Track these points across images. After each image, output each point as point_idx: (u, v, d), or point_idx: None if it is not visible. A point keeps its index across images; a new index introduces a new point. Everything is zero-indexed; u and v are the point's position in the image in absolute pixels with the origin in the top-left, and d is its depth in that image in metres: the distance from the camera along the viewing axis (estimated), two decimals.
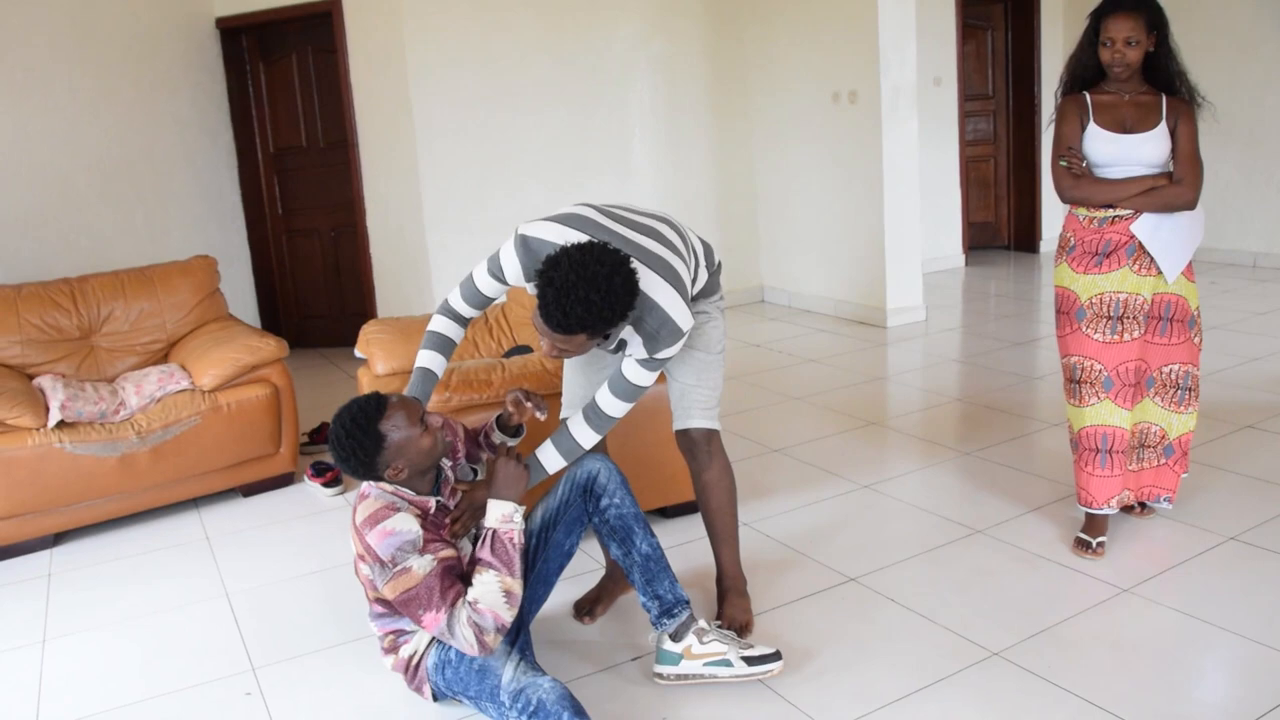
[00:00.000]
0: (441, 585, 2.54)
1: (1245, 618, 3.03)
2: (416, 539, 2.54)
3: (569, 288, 2.45)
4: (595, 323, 2.50)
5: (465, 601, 2.56)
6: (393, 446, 2.58)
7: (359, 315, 7.11)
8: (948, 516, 3.93)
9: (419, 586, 2.53)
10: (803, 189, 7.85)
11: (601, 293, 2.45)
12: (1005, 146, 10.01)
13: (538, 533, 2.96)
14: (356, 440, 2.56)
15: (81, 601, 3.72)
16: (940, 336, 6.93)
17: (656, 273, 2.70)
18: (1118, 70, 3.34)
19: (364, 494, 2.66)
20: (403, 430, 2.59)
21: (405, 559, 2.53)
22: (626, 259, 2.54)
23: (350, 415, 2.60)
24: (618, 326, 2.58)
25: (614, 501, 2.90)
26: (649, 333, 2.71)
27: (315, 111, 7.30)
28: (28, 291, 4.68)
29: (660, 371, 2.85)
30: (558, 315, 2.49)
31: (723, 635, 2.91)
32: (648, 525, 2.92)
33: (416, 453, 2.62)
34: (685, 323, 2.71)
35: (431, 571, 2.54)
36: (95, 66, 6.42)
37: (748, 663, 2.86)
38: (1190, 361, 3.53)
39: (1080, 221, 3.46)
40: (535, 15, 7.11)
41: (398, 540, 2.53)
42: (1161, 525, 3.71)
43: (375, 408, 2.61)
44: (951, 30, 9.04)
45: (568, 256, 2.49)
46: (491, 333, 4.51)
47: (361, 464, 2.59)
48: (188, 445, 4.34)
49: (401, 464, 2.61)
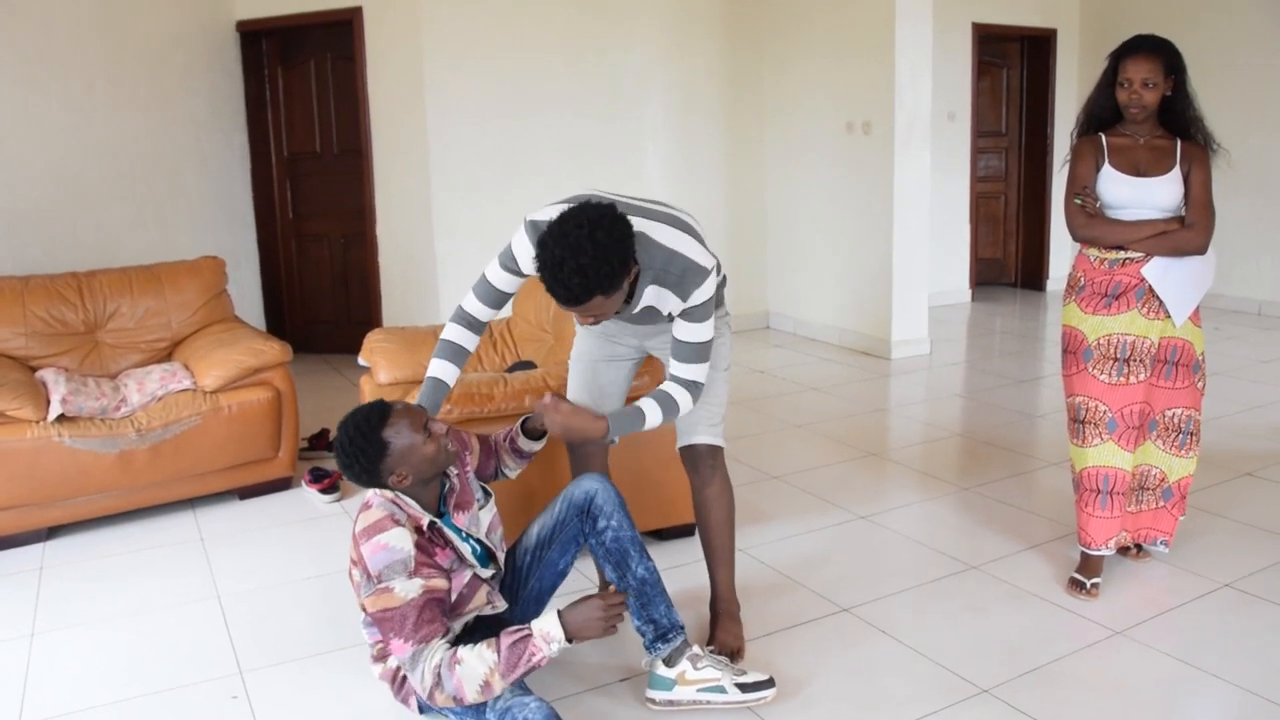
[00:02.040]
0: (419, 617, 2.50)
1: (1237, 665, 3.02)
2: (407, 559, 2.52)
3: (560, 263, 2.47)
4: (598, 282, 2.49)
5: (445, 648, 2.51)
6: (396, 453, 2.58)
7: (364, 323, 7.11)
8: (943, 551, 3.92)
9: (397, 610, 2.50)
10: (813, 217, 7.87)
11: (589, 255, 2.45)
12: (1016, 184, 10.03)
13: (533, 550, 2.95)
14: (359, 447, 2.56)
15: (72, 596, 3.71)
16: (944, 370, 6.93)
17: (666, 224, 2.72)
18: (1134, 111, 3.35)
19: (367, 503, 2.65)
20: (406, 437, 2.59)
21: (391, 578, 2.51)
22: (607, 212, 2.53)
23: (354, 422, 2.61)
24: (625, 278, 2.56)
25: (611, 524, 2.89)
26: (675, 280, 2.71)
27: (331, 118, 7.33)
28: (35, 284, 4.69)
29: (712, 319, 2.82)
30: (561, 291, 2.51)
31: (716, 661, 2.89)
32: (644, 548, 2.91)
33: (420, 460, 2.61)
34: (706, 261, 2.72)
35: (412, 601, 2.50)
36: (114, 63, 6.45)
37: (741, 689, 2.84)
38: (1193, 406, 3.53)
39: (1091, 262, 3.47)
40: (554, 32, 7.15)
41: (388, 557, 2.51)
42: (1157, 569, 3.70)
43: (379, 415, 2.61)
44: (967, 66, 9.09)
45: (550, 234, 2.51)
46: (495, 347, 4.52)
47: (365, 470, 2.59)
48: (187, 445, 4.34)
49: (405, 471, 2.60)
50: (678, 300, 2.75)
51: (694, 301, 2.75)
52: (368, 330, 4.60)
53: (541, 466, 3.59)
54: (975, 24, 9.07)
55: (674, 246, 2.70)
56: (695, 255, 2.71)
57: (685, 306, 2.76)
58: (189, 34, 6.89)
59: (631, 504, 3.57)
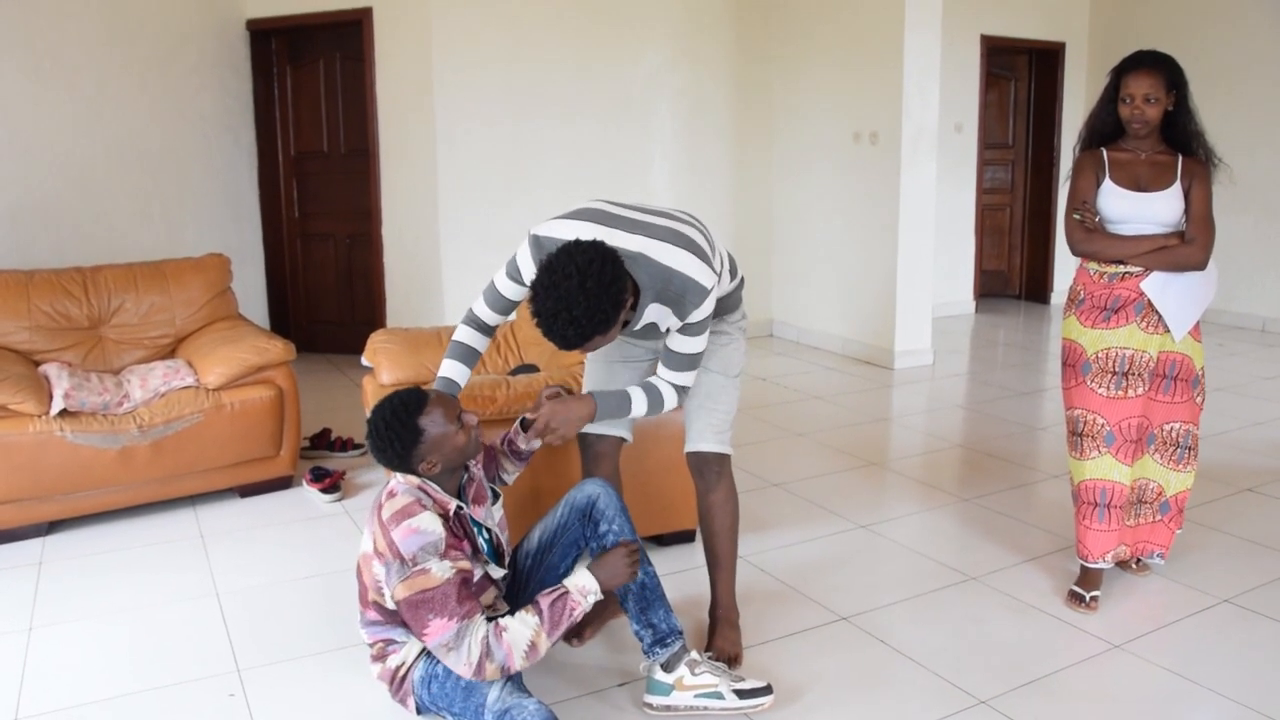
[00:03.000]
0: (459, 594, 2.54)
1: (1236, 680, 3.02)
2: (439, 541, 2.56)
3: (553, 315, 2.49)
4: (592, 329, 2.52)
5: (486, 621, 2.56)
6: (429, 441, 2.63)
7: (368, 324, 7.12)
8: (943, 561, 3.92)
9: (437, 590, 2.52)
10: (818, 226, 7.88)
11: (581, 306, 2.46)
12: (1022, 196, 10.04)
13: (534, 554, 2.97)
14: (395, 432, 2.61)
15: (71, 592, 3.71)
16: (946, 381, 6.93)
17: (667, 242, 2.72)
18: (1136, 127, 3.36)
19: (391, 491, 2.67)
20: (440, 426, 2.65)
21: (426, 560, 2.54)
22: (597, 255, 2.52)
23: (391, 407, 2.65)
24: (620, 314, 2.57)
25: (613, 528, 2.90)
26: (675, 299, 2.72)
27: (339, 118, 7.34)
28: (40, 278, 4.69)
29: (706, 332, 2.85)
30: (558, 340, 2.55)
31: (714, 667, 2.89)
32: (645, 553, 2.91)
33: (451, 449, 2.67)
34: (708, 280, 2.72)
35: (449, 579, 2.54)
36: (123, 59, 6.47)
37: (739, 695, 2.85)
38: (1191, 421, 3.54)
39: (1091, 276, 3.47)
40: (563, 37, 7.16)
41: (422, 539, 2.55)
42: (1156, 583, 3.70)
43: (416, 402, 2.66)
44: (975, 78, 9.10)
45: (540, 284, 2.52)
46: (499, 350, 4.52)
47: (398, 455, 2.63)
48: (188, 442, 4.34)
49: (435, 459, 2.65)
50: (676, 319, 2.77)
51: (693, 319, 2.77)
52: (371, 330, 4.60)
53: (550, 468, 3.60)
54: (984, 36, 9.08)
55: (674, 266, 2.70)
56: (696, 274, 2.71)
57: (688, 321, 2.78)
58: (199, 32, 6.91)
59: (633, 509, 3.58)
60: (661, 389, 2.88)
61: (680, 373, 2.87)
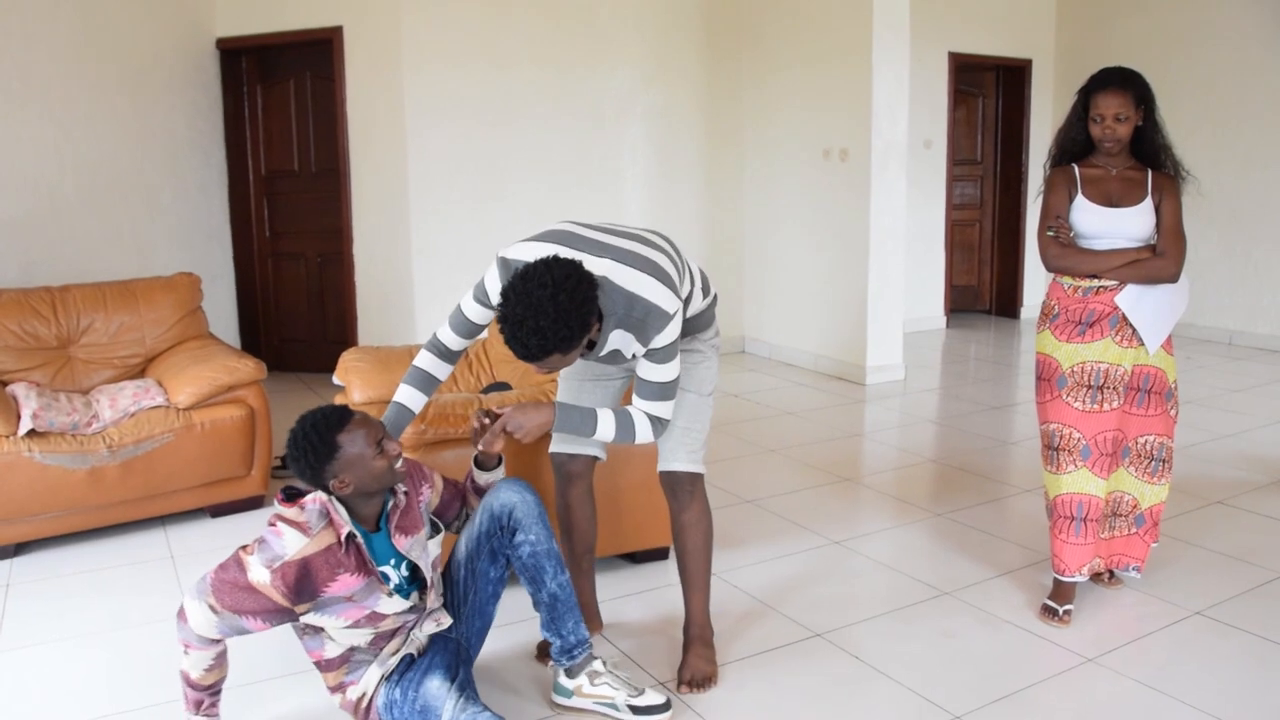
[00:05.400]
0: (234, 597, 2.55)
1: (1208, 693, 3.03)
2: (278, 559, 2.53)
3: (520, 320, 2.49)
4: (555, 343, 2.52)
5: (215, 645, 2.64)
6: (344, 459, 2.58)
7: (340, 342, 7.07)
8: (916, 576, 3.93)
9: (232, 564, 2.58)
10: (789, 242, 7.91)
11: (550, 316, 2.47)
12: (991, 211, 10.12)
13: (464, 564, 2.93)
14: (312, 443, 2.58)
15: (39, 614, 3.67)
16: (918, 396, 6.96)
17: (633, 267, 2.71)
18: (1109, 145, 3.39)
19: (301, 503, 2.66)
20: (359, 446, 2.60)
21: (258, 552, 2.55)
22: (571, 271, 2.53)
23: (313, 419, 2.62)
24: (584, 337, 2.58)
25: (529, 538, 2.86)
26: (637, 325, 2.71)
27: (309, 137, 7.33)
28: (7, 298, 4.65)
29: (677, 359, 2.82)
30: (519, 349, 2.54)
31: (615, 679, 2.93)
32: (560, 562, 2.91)
33: (366, 473, 2.61)
34: (670, 305, 2.70)
35: (251, 583, 2.53)
36: (92, 78, 6.43)
37: (634, 711, 2.89)
38: (1165, 433, 3.56)
39: (1065, 290, 3.49)
40: (533, 58, 7.19)
41: (273, 544, 2.55)
42: (1128, 596, 3.72)
43: (338, 418, 2.62)
44: (944, 94, 9.17)
45: (512, 289, 2.53)
46: (471, 368, 4.50)
47: (310, 467, 2.59)
48: (158, 462, 4.31)
49: (348, 479, 2.60)
50: (639, 345, 2.76)
51: (656, 344, 2.75)
52: (343, 349, 4.58)
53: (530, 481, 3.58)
54: (951, 53, 9.16)
55: (636, 291, 2.69)
56: (658, 299, 2.70)
57: (651, 347, 2.76)
58: (169, 51, 6.88)
59: (607, 527, 3.58)
60: (635, 417, 2.85)
61: (653, 402, 2.83)
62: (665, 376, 2.81)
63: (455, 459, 3.52)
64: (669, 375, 2.81)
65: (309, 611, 2.59)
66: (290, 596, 2.54)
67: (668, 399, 2.84)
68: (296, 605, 2.57)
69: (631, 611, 3.62)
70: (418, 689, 2.66)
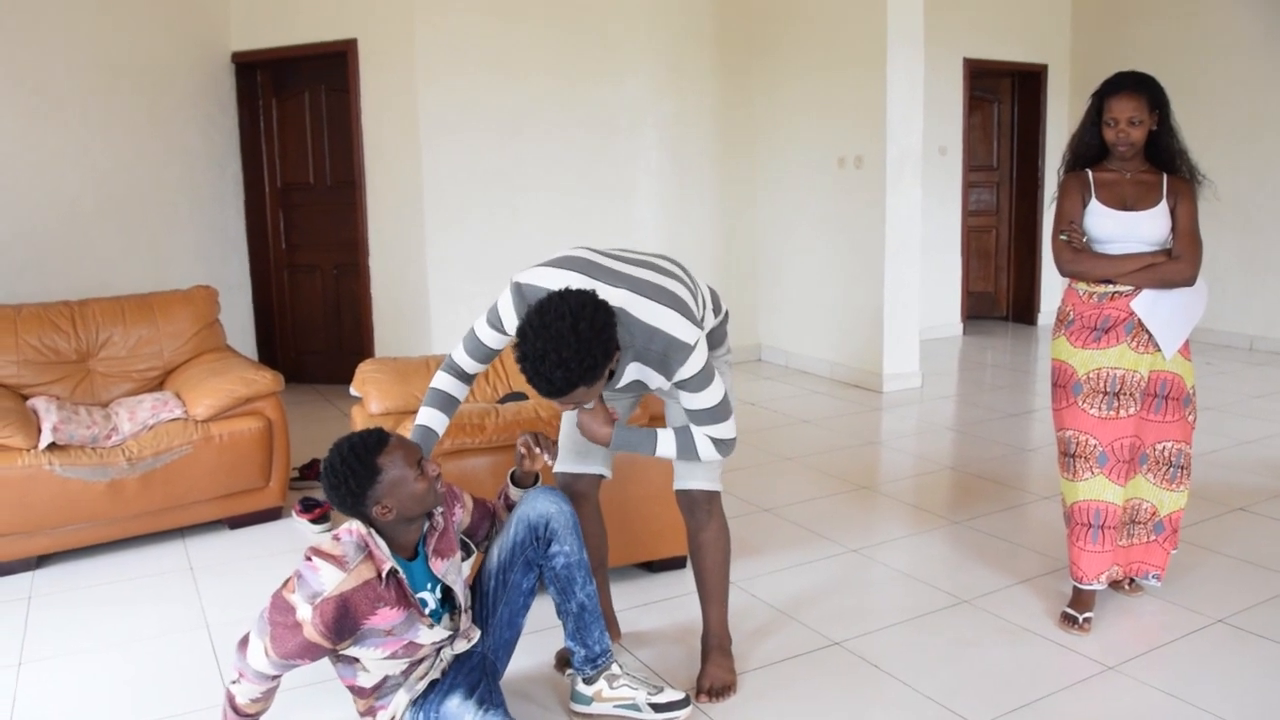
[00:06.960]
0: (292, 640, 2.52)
1: (1230, 701, 3.01)
2: (318, 595, 2.48)
3: (541, 355, 2.46)
4: (580, 374, 2.49)
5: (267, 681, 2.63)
6: (385, 483, 2.52)
7: (356, 354, 7.11)
8: (935, 585, 3.91)
9: (280, 602, 2.55)
10: (804, 250, 7.90)
11: (572, 347, 2.45)
12: (1007, 218, 10.09)
13: (495, 575, 2.91)
14: (351, 468, 2.50)
15: (60, 625, 3.69)
16: (935, 404, 6.94)
17: (650, 298, 2.69)
18: (1123, 149, 3.38)
19: (336, 536, 2.59)
20: (399, 469, 2.54)
21: (300, 589, 2.50)
22: (589, 301, 2.52)
23: (349, 444, 2.55)
24: (608, 366, 2.57)
25: (564, 549, 2.86)
26: (657, 359, 2.69)
27: (324, 150, 7.36)
28: (27, 312, 4.69)
29: (716, 379, 2.78)
30: (543, 385, 2.51)
31: (633, 680, 2.94)
32: (589, 573, 2.92)
33: (408, 496, 2.55)
34: (690, 336, 2.68)
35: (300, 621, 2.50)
36: (109, 93, 6.48)
37: (654, 709, 2.90)
38: (1184, 440, 3.54)
39: (1080, 296, 3.48)
40: (547, 69, 7.20)
41: (312, 581, 2.50)
42: (1149, 604, 3.69)
43: (376, 441, 2.56)
44: (959, 101, 9.16)
45: (530, 324, 2.50)
46: (487, 378, 4.51)
47: (351, 494, 2.52)
48: (177, 474, 4.33)
49: (390, 504, 2.54)
50: (662, 378, 2.74)
51: (682, 376, 2.72)
52: (359, 360, 4.60)
53: None
54: (966, 59, 9.14)
55: (654, 324, 2.67)
56: (677, 332, 2.67)
57: (677, 380, 2.73)
58: (185, 65, 6.92)
59: (621, 537, 3.58)
60: (695, 436, 2.83)
61: (709, 426, 2.81)
62: (710, 401, 2.77)
63: (472, 469, 3.53)
64: (714, 399, 2.77)
65: (349, 646, 2.58)
66: (330, 637, 2.49)
67: (722, 420, 2.81)
68: (337, 645, 2.53)
69: (649, 621, 3.61)
70: (438, 710, 2.66)
